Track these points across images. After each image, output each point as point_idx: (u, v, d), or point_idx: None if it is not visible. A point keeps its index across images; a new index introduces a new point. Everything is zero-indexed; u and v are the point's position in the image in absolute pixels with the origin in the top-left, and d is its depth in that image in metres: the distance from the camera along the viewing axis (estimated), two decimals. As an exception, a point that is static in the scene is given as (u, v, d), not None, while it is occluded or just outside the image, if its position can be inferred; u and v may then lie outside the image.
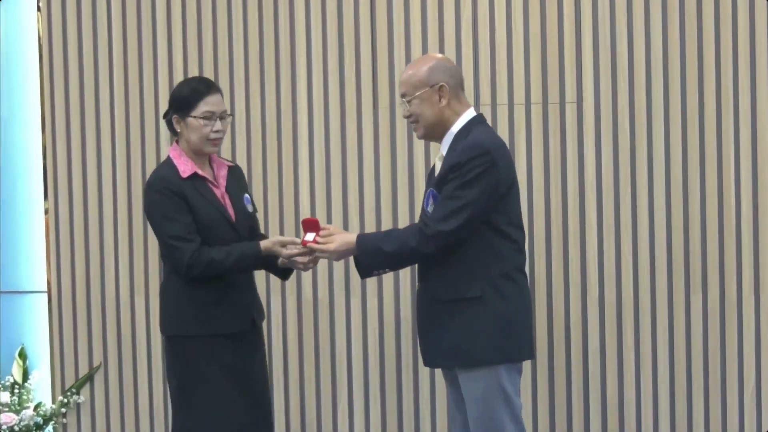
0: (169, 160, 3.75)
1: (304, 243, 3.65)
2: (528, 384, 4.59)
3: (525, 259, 3.62)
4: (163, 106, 4.76)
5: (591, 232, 4.58)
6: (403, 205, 4.70)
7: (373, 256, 3.56)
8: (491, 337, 3.49)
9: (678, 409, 4.56)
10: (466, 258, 3.50)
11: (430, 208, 3.55)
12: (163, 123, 4.73)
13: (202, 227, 3.68)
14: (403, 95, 3.60)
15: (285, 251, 3.69)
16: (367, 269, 3.61)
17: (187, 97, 3.72)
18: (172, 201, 3.65)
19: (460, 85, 3.61)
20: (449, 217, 3.45)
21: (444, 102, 3.55)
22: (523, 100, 4.61)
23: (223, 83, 4.76)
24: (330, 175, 4.74)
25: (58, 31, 4.91)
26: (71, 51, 4.90)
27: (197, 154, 3.75)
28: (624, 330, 4.58)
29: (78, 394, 4.91)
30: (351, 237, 3.62)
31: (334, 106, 4.73)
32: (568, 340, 4.60)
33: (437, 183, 3.55)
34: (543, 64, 4.59)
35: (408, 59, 4.64)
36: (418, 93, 3.55)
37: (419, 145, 4.66)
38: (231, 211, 3.77)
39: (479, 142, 3.48)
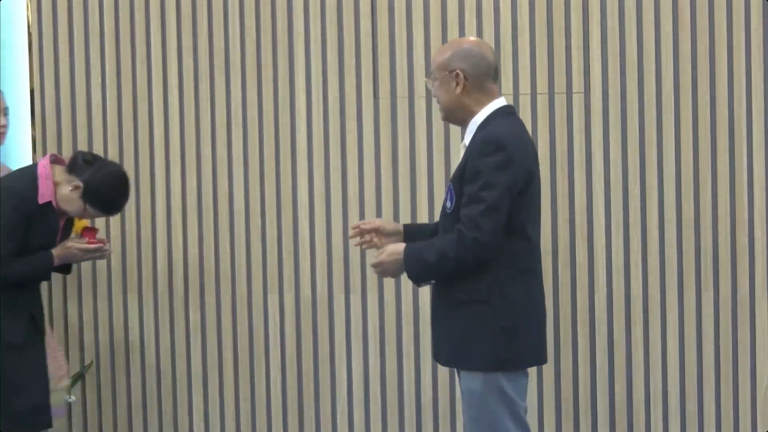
0: (34, 175, 3.92)
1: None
2: (533, 384, 4.53)
3: (538, 259, 3.54)
4: (157, 96, 4.77)
5: (599, 227, 4.51)
6: (404, 197, 4.64)
7: (416, 265, 3.50)
8: (493, 343, 3.42)
9: (689, 409, 4.51)
10: (481, 261, 3.42)
11: (447, 203, 3.50)
12: (156, 115, 4.74)
13: (29, 252, 3.92)
14: (429, 74, 3.61)
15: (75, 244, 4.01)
16: (416, 279, 3.57)
17: None
18: (18, 224, 3.87)
19: (485, 74, 3.51)
20: (480, 224, 3.35)
21: (459, 90, 3.49)
22: (528, 90, 4.54)
23: (219, 71, 4.72)
24: (329, 166, 4.68)
25: (47, 17, 4.84)
26: (61, 39, 4.84)
27: None
28: (633, 327, 4.53)
29: (69, 393, 4.80)
30: (400, 246, 3.56)
31: (333, 94, 4.67)
32: (575, 338, 4.54)
33: (455, 178, 3.48)
34: (549, 53, 4.53)
35: (409, 47, 4.59)
36: (439, 75, 3.53)
37: (421, 135, 4.61)
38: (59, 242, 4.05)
39: (494, 138, 3.40)
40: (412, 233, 3.78)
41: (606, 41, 4.49)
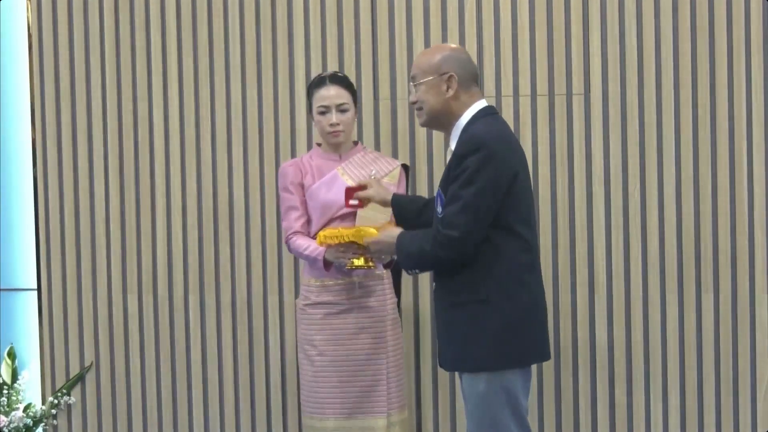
0: None
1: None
2: (533, 384, 4.49)
3: (536, 257, 3.53)
4: (157, 96, 4.73)
5: (599, 228, 4.50)
6: (404, 200, 4.59)
7: (402, 254, 3.55)
8: (494, 341, 3.42)
9: (689, 410, 4.49)
10: (462, 258, 3.42)
11: (438, 208, 3.49)
12: (156, 116, 4.73)
13: None
14: (412, 78, 3.57)
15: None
16: (404, 266, 3.62)
17: None
18: None
19: (472, 78, 3.53)
20: (455, 221, 3.37)
21: (450, 93, 3.49)
22: (528, 92, 4.52)
23: (219, 73, 4.71)
24: (329, 169, 4.64)
25: (47, 19, 4.84)
26: (61, 40, 4.84)
27: None
28: (633, 329, 4.51)
29: (69, 394, 4.86)
30: (395, 231, 3.61)
31: (333, 97, 4.63)
32: (575, 339, 4.53)
33: (442, 182, 3.49)
34: (549, 54, 4.51)
35: (409, 48, 4.57)
36: (426, 79, 3.51)
37: (421, 137, 4.59)
38: None
39: (475, 136, 3.41)
40: (398, 207, 3.85)
41: (606, 43, 4.48)
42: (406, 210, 3.82)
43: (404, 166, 4.24)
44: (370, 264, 3.94)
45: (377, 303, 4.10)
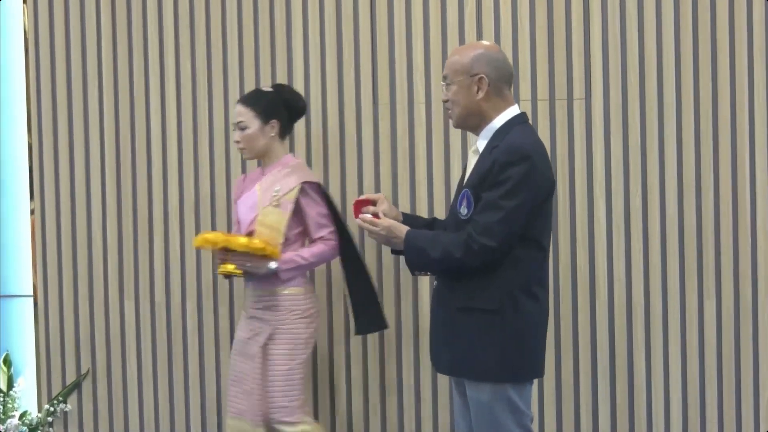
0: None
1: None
2: (534, 392, 4.51)
3: (547, 270, 3.51)
4: (154, 102, 4.71)
5: (600, 234, 4.47)
6: (403, 202, 4.60)
7: (418, 256, 3.46)
8: (502, 353, 3.39)
9: (691, 418, 4.48)
10: (487, 266, 3.38)
11: (463, 210, 3.43)
12: (153, 120, 4.69)
13: None
14: (444, 78, 3.52)
15: None
16: (413, 267, 3.53)
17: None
18: None
19: (504, 79, 3.48)
20: (495, 231, 3.31)
21: (481, 95, 3.44)
22: (529, 96, 4.50)
23: (217, 78, 4.70)
24: (328, 172, 4.65)
25: (44, 24, 4.84)
26: (58, 45, 4.83)
27: None
28: (634, 336, 4.49)
29: (65, 402, 4.85)
30: (402, 229, 3.51)
31: (332, 102, 4.64)
32: (576, 345, 4.51)
33: (474, 185, 3.41)
34: (550, 59, 4.49)
35: (409, 54, 4.56)
36: (457, 80, 3.46)
37: (420, 141, 4.58)
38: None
39: (519, 146, 3.34)
40: (407, 222, 3.71)
41: (607, 47, 4.46)
42: (415, 225, 3.73)
43: (318, 185, 4.18)
44: (236, 271, 4.03)
45: (270, 316, 4.11)
